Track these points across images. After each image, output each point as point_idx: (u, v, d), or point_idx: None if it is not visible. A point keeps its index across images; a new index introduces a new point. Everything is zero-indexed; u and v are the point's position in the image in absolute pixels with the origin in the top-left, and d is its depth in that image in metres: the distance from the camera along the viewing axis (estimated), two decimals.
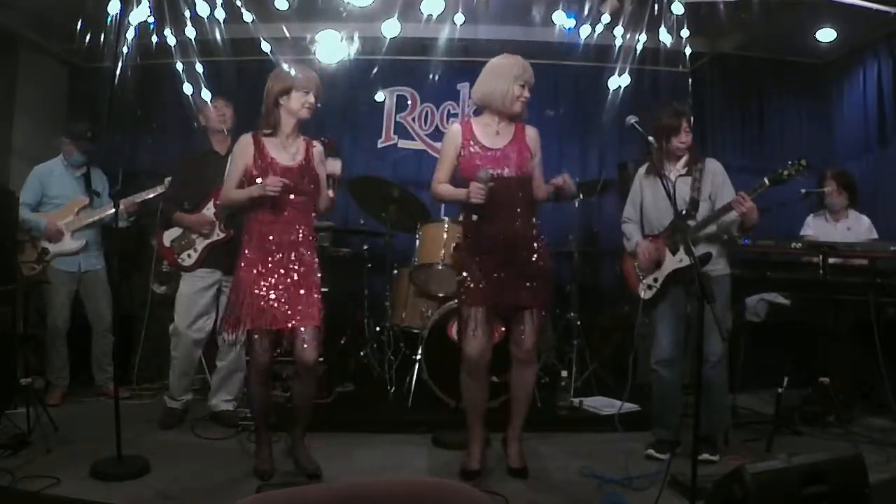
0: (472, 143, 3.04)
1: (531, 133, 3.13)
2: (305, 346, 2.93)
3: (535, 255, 3.08)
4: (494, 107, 3.04)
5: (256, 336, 2.93)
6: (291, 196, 2.95)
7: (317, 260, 3.07)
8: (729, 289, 3.32)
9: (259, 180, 2.88)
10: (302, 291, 2.95)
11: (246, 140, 3.01)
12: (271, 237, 2.94)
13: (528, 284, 3.03)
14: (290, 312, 2.92)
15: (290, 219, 2.97)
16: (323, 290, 3.09)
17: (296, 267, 2.96)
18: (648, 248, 3.34)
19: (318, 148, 3.11)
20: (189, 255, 3.77)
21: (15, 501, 2.70)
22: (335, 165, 3.11)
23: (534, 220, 3.11)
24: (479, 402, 3.10)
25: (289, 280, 2.94)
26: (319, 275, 3.06)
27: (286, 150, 3.01)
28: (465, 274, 3.06)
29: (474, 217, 3.04)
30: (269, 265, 2.93)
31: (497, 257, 3.00)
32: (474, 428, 3.10)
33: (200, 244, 3.76)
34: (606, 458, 3.24)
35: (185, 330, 3.73)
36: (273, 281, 2.92)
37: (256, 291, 2.90)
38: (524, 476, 3.05)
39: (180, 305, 3.76)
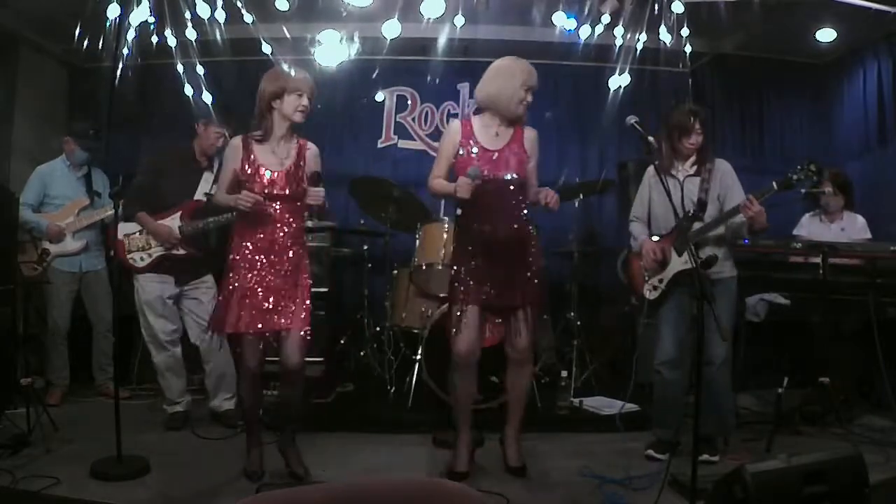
0: (471, 142, 3.04)
1: (529, 135, 3.13)
2: (291, 350, 2.92)
3: (529, 257, 3.10)
4: (499, 109, 3.04)
5: (248, 340, 2.90)
6: (278, 200, 2.91)
7: (307, 261, 3.04)
8: (735, 291, 3.31)
9: (247, 185, 2.88)
10: (291, 293, 2.94)
11: (235, 143, 2.98)
12: (260, 237, 2.91)
13: (520, 285, 3.03)
14: (279, 314, 2.90)
15: (278, 220, 2.93)
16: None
17: (286, 267, 2.94)
18: (653, 248, 3.32)
19: (312, 150, 3.06)
20: (142, 259, 3.71)
21: (15, 501, 2.70)
22: (317, 196, 2.94)
23: (527, 220, 3.11)
24: (467, 401, 3.11)
25: (279, 281, 2.92)
26: (308, 277, 3.02)
27: (275, 155, 2.96)
28: (457, 270, 3.06)
29: (468, 217, 3.04)
30: (259, 266, 2.90)
31: (490, 257, 3.00)
32: (463, 428, 3.10)
33: (156, 251, 3.71)
34: (606, 458, 3.25)
35: (160, 334, 3.72)
36: (263, 282, 2.90)
37: (248, 294, 2.87)
38: (523, 475, 3.05)
39: (148, 312, 3.72)
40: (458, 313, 3.00)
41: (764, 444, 3.35)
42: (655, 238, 3.38)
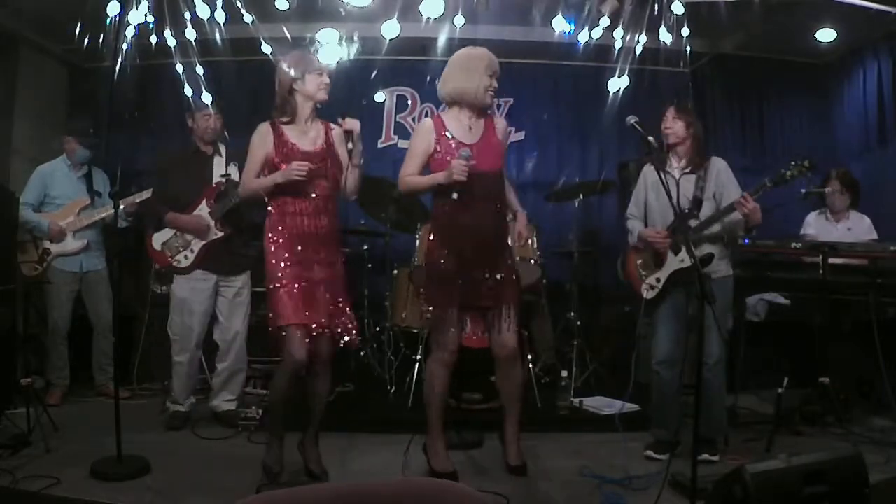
0: (447, 138, 3.00)
1: (501, 125, 3.15)
2: (330, 341, 2.93)
3: (506, 252, 3.10)
4: (466, 101, 3.02)
5: (293, 331, 2.81)
6: (317, 182, 2.89)
7: (344, 250, 3.04)
8: (731, 291, 3.31)
9: (283, 167, 2.84)
10: (334, 284, 2.93)
11: (264, 129, 2.95)
12: (299, 227, 2.88)
13: (495, 284, 3.02)
14: (329, 306, 2.89)
15: (316, 208, 2.90)
16: None
17: (327, 257, 2.92)
18: (654, 234, 3.29)
19: (337, 130, 3.06)
20: (186, 257, 3.72)
21: (15, 501, 2.70)
22: (353, 123, 2.99)
23: (505, 213, 3.11)
24: (444, 397, 3.10)
25: (322, 271, 2.90)
26: (345, 263, 3.02)
27: (306, 136, 2.96)
28: (438, 269, 3.01)
29: (448, 213, 3.00)
30: (301, 256, 2.87)
31: (468, 254, 2.98)
32: (440, 425, 3.08)
33: (197, 245, 3.72)
34: (606, 458, 3.24)
35: (188, 333, 3.72)
36: (307, 272, 2.86)
37: (293, 284, 2.83)
38: (523, 473, 3.05)
39: (180, 309, 3.73)
40: (443, 315, 2.98)
41: (764, 444, 3.35)
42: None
